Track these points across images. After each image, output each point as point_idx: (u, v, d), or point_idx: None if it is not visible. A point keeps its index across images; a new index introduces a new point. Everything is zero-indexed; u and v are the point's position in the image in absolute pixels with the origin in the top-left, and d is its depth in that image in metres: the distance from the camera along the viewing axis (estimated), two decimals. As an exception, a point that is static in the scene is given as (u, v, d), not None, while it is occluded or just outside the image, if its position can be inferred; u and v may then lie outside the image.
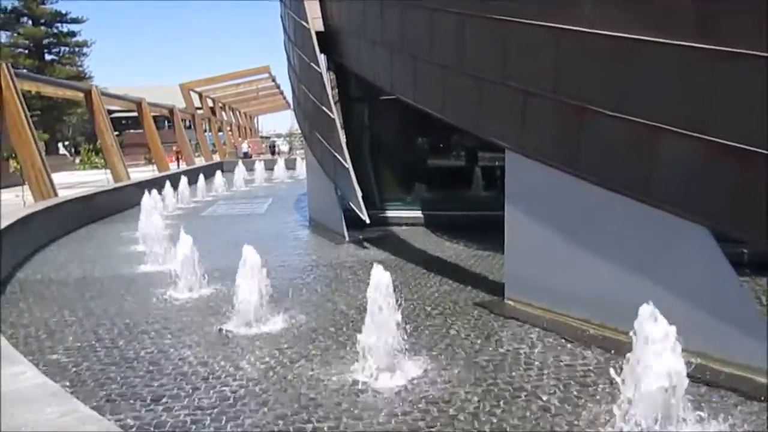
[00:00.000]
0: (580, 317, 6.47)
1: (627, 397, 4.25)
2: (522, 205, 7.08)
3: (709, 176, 5.13)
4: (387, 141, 15.10)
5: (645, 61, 5.55)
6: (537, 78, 6.66)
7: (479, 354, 5.95)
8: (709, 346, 5.23)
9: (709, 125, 4.98)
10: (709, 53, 4.96)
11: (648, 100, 5.55)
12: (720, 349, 5.23)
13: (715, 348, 5.24)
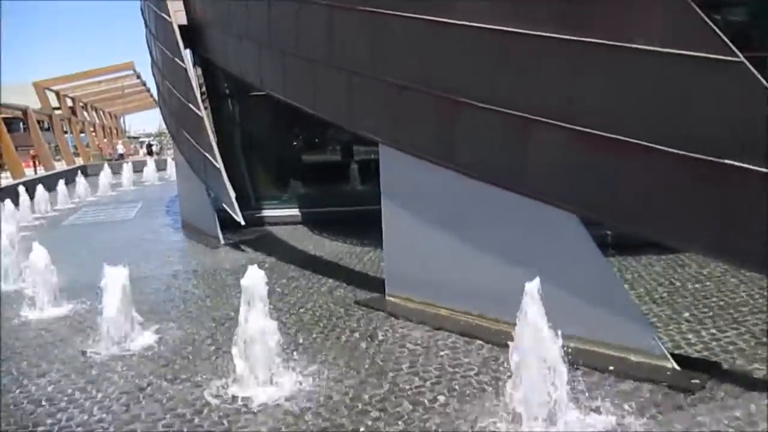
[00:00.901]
0: (461, 310, 6.47)
1: (511, 388, 4.24)
2: (398, 199, 7.00)
3: (578, 165, 5.23)
4: (260, 138, 14.65)
5: (514, 53, 5.60)
6: (410, 71, 6.59)
7: (362, 356, 5.79)
8: (584, 330, 5.36)
9: (576, 116, 5.07)
10: (574, 44, 5.05)
11: (518, 92, 5.60)
12: (595, 332, 5.37)
13: (589, 331, 5.37)
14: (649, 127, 4.66)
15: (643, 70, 4.67)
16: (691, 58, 4.38)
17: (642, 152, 4.67)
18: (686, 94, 4.51)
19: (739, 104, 4.28)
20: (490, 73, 5.76)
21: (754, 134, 4.24)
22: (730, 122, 4.33)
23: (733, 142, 4.33)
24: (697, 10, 4.42)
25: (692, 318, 6.33)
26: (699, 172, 4.47)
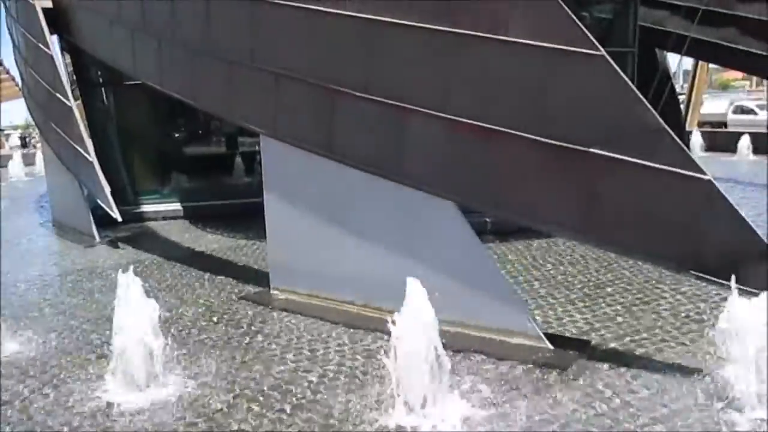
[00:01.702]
0: (346, 300, 6.48)
1: (395, 378, 4.27)
2: (280, 191, 6.90)
3: (452, 154, 5.36)
4: (138, 129, 13.96)
5: (389, 43, 5.65)
6: (287, 60, 6.49)
7: (246, 352, 5.66)
8: (464, 315, 5.50)
9: (449, 105, 5.18)
10: (446, 35, 5.15)
11: (394, 82, 5.66)
12: (474, 316, 5.53)
13: (470, 316, 5.53)
14: (518, 117, 4.84)
15: (511, 61, 4.84)
16: (555, 50, 4.58)
17: (511, 141, 4.86)
18: (552, 84, 4.72)
19: (601, 96, 4.52)
20: (365, 63, 5.78)
21: (616, 124, 4.49)
22: (593, 113, 4.57)
23: (597, 132, 4.58)
24: (561, 4, 4.63)
25: (565, 299, 6.66)
26: (566, 160, 4.69)
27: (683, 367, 4.77)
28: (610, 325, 5.88)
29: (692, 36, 12.90)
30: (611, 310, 6.25)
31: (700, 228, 4.46)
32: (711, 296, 6.33)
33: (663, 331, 5.67)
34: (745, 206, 11.83)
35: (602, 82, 4.49)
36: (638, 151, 4.42)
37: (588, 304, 6.46)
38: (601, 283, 7.13)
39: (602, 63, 4.46)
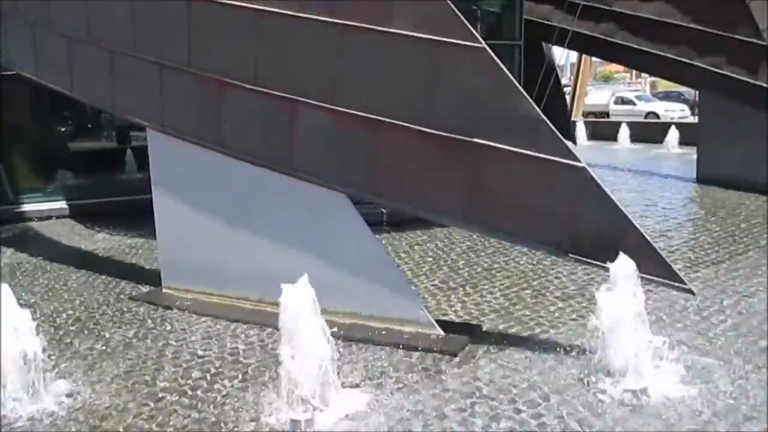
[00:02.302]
0: (240, 296, 6.37)
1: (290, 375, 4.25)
2: (169, 186, 6.66)
3: (341, 145, 5.38)
4: (18, 123, 13.04)
5: (278, 33, 5.58)
6: (171, 50, 6.28)
7: (137, 354, 5.45)
8: (359, 306, 5.55)
9: (338, 96, 5.19)
10: (334, 27, 5.15)
11: (283, 73, 5.60)
12: (368, 307, 5.58)
13: (364, 306, 5.58)
14: (404, 108, 4.93)
15: (396, 53, 4.92)
16: (438, 43, 4.69)
17: (398, 131, 4.94)
18: (436, 76, 4.83)
19: (483, 87, 4.67)
20: (254, 54, 5.69)
21: (498, 115, 4.66)
22: (476, 104, 4.71)
23: (480, 122, 4.73)
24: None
25: (458, 285, 6.86)
26: (451, 150, 4.82)
27: (567, 346, 5.02)
28: (500, 309, 6.11)
29: (574, 30, 13.50)
30: (501, 295, 6.50)
31: (576, 213, 4.71)
32: (594, 278, 6.69)
33: (549, 313, 5.95)
34: (622, 191, 12.64)
35: (484, 74, 4.63)
36: (519, 141, 4.60)
37: (479, 290, 6.68)
38: (492, 269, 7.39)
39: (484, 55, 4.60)
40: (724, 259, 7.64)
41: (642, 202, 11.72)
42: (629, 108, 33.24)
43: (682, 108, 30.07)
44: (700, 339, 5.25)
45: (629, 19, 13.08)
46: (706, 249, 8.23)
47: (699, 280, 6.76)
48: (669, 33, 12.30)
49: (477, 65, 4.64)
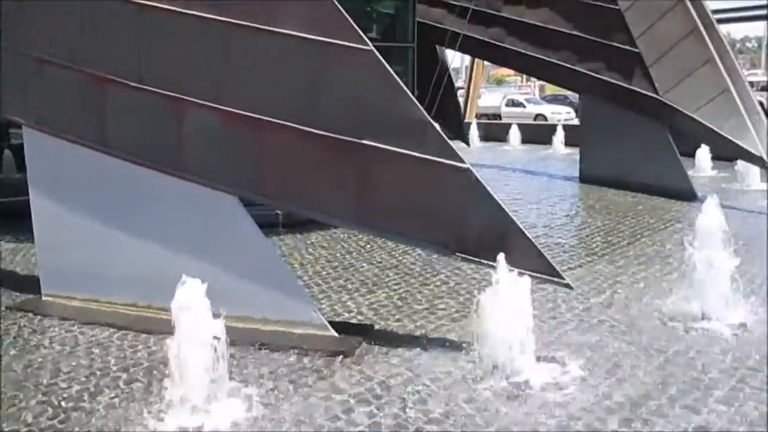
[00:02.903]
0: (127, 302, 6.12)
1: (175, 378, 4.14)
2: (48, 187, 6.31)
3: (228, 146, 5.29)
4: None
5: (163, 30, 5.41)
6: (52, 44, 5.96)
7: (12, 369, 5.12)
8: (251, 309, 5.47)
9: (225, 96, 5.10)
10: (219, 25, 5.06)
11: (170, 71, 5.45)
12: (260, 310, 5.51)
13: (256, 310, 5.50)
14: (292, 109, 4.92)
15: (283, 54, 4.89)
16: (326, 44, 4.71)
17: (287, 133, 4.91)
18: (323, 78, 4.86)
19: (370, 89, 4.73)
20: (137, 51, 5.49)
21: (386, 117, 4.73)
22: (364, 106, 4.77)
23: (368, 124, 4.78)
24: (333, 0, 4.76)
25: (351, 286, 6.90)
26: (340, 152, 4.85)
27: (456, 343, 5.16)
28: (393, 308, 6.20)
29: (465, 34, 13.88)
30: (394, 294, 6.60)
31: (461, 213, 4.86)
32: (484, 276, 6.90)
33: (440, 311, 6.10)
34: (511, 189, 13.16)
35: (371, 76, 4.69)
36: (406, 143, 4.69)
37: (372, 290, 6.75)
38: (386, 269, 7.49)
39: (371, 58, 4.66)
40: (605, 253, 8.11)
41: (529, 200, 12.25)
42: (519, 110, 34.60)
43: (568, 111, 31.59)
44: (580, 331, 5.54)
45: (517, 24, 13.60)
46: (587, 244, 8.70)
47: (580, 274, 7.14)
48: (553, 39, 12.88)
49: (364, 67, 4.69)
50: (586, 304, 6.17)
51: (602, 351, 5.08)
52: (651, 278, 6.92)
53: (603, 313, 5.94)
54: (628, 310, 6.01)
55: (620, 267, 7.45)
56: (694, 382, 4.54)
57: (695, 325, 5.48)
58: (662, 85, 11.12)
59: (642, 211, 10.62)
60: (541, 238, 8.83)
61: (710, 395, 4.33)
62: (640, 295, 6.40)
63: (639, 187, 11.97)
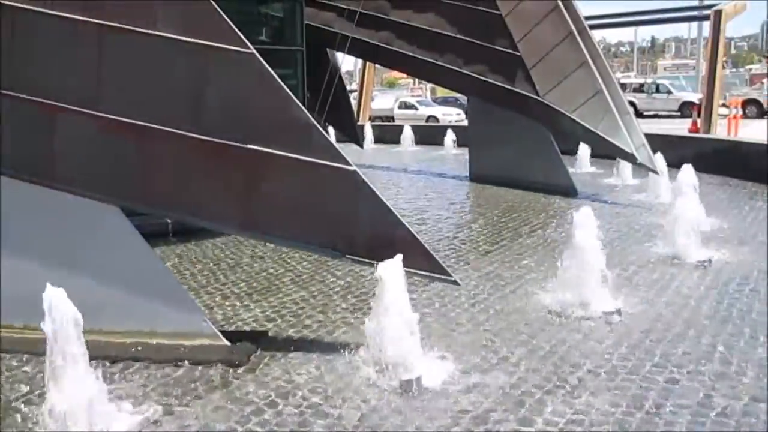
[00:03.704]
0: (2, 324, 5.71)
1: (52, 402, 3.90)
2: None
3: (107, 154, 5.06)
4: None
5: (33, 32, 5.08)
6: None
7: None
8: (139, 323, 5.25)
9: (102, 102, 4.87)
10: (94, 27, 4.83)
11: (41, 76, 5.12)
12: (148, 323, 5.30)
13: (143, 323, 5.29)
14: (173, 114, 4.76)
15: (162, 57, 4.74)
16: (205, 47, 4.59)
17: (168, 139, 4.75)
18: (204, 81, 4.75)
19: (252, 93, 4.66)
20: (6, 55, 5.13)
21: (270, 121, 4.67)
22: (247, 109, 4.69)
23: (252, 128, 4.71)
24: (211, 2, 4.65)
25: (244, 293, 6.78)
26: (225, 157, 4.74)
27: (350, 345, 5.15)
28: (287, 313, 6.14)
29: (355, 37, 13.97)
30: (288, 299, 6.53)
31: (350, 215, 4.88)
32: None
33: (334, 314, 6.10)
34: (403, 190, 13.38)
35: (254, 79, 4.62)
36: (291, 146, 4.66)
37: (266, 296, 6.65)
38: (279, 274, 7.40)
39: (252, 60, 4.59)
40: (492, 249, 8.39)
41: (420, 199, 12.51)
42: (412, 112, 35.30)
43: (458, 112, 32.55)
44: (468, 326, 5.70)
45: (405, 28, 13.81)
46: (475, 241, 8.98)
47: (468, 271, 7.36)
48: (440, 42, 13.18)
49: (246, 71, 4.62)
50: (473, 300, 6.36)
51: (489, 345, 5.24)
52: (535, 271, 7.22)
53: (490, 308, 6.13)
54: (514, 303, 6.24)
55: (506, 262, 7.73)
56: (574, 369, 4.77)
57: (575, 314, 5.76)
58: (542, 87, 11.62)
59: (527, 208, 11.07)
60: (431, 237, 9.04)
61: (589, 382, 4.57)
62: (524, 288, 6.66)
63: (525, 184, 12.47)
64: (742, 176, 12.89)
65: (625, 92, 21.97)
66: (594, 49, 11.83)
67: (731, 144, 15.81)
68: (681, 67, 75.92)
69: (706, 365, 4.77)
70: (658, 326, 5.54)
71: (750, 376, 4.57)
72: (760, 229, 9.08)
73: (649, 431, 3.91)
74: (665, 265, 7.30)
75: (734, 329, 5.45)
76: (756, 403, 4.17)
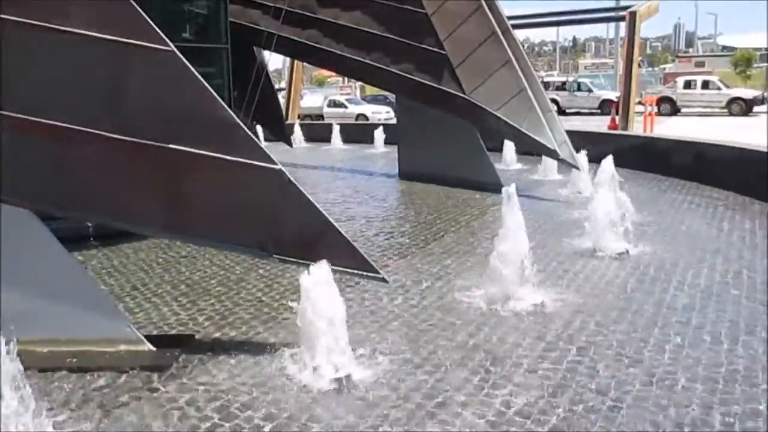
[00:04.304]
0: None
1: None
2: None
3: (22, 156, 4.83)
4: None
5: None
6: None
7: None
8: (58, 331, 5.06)
9: (13, 102, 4.64)
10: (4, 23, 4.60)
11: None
12: (68, 330, 5.11)
13: (63, 331, 5.09)
14: (90, 114, 4.60)
15: (76, 55, 4.56)
16: (122, 44, 4.46)
17: (86, 139, 4.58)
18: (122, 80, 4.61)
19: (173, 91, 4.55)
20: None
21: (192, 120, 4.57)
22: (168, 109, 4.58)
23: (174, 128, 4.60)
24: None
25: (170, 297, 6.61)
26: (146, 158, 4.62)
27: (279, 345, 5.12)
28: (215, 316, 6.03)
29: (282, 35, 13.83)
30: (216, 301, 6.42)
31: (276, 215, 4.84)
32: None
33: (263, 314, 6.04)
34: (334, 188, 13.37)
35: (174, 78, 4.52)
36: (215, 146, 4.58)
37: (193, 299, 6.52)
38: (207, 276, 7.27)
39: (173, 58, 4.48)
40: (421, 246, 8.48)
41: (349, 198, 12.52)
42: (341, 111, 35.31)
43: (387, 110, 32.74)
44: (398, 323, 5.75)
45: (332, 26, 13.76)
46: (404, 238, 9.07)
47: (396, 268, 7.42)
48: (367, 41, 13.19)
49: (166, 69, 4.50)
50: (402, 296, 6.41)
51: (417, 341, 5.31)
52: (462, 267, 7.34)
53: (419, 304, 6.21)
54: (442, 299, 6.34)
55: (434, 258, 7.83)
56: (499, 362, 4.89)
57: (500, 308, 5.90)
58: (468, 86, 11.80)
59: (454, 205, 11.25)
60: (360, 235, 9.07)
61: (514, 374, 4.69)
62: (452, 284, 6.76)
63: (453, 181, 12.64)
64: (658, 171, 13.46)
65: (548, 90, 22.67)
66: (517, 49, 12.12)
67: (647, 140, 16.51)
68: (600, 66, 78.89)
69: (624, 350, 4.98)
70: (579, 317, 5.74)
71: (664, 363, 4.79)
72: (674, 221, 9.53)
73: (569, 419, 4.04)
74: (586, 258, 7.56)
75: (649, 318, 5.70)
76: (670, 386, 4.39)
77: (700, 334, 5.30)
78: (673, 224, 9.32)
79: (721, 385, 4.41)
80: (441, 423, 4.03)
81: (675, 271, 6.97)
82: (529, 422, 4.02)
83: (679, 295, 6.25)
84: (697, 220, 9.54)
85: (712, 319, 5.62)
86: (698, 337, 5.25)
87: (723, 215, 9.75)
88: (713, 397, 4.24)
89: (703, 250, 7.82)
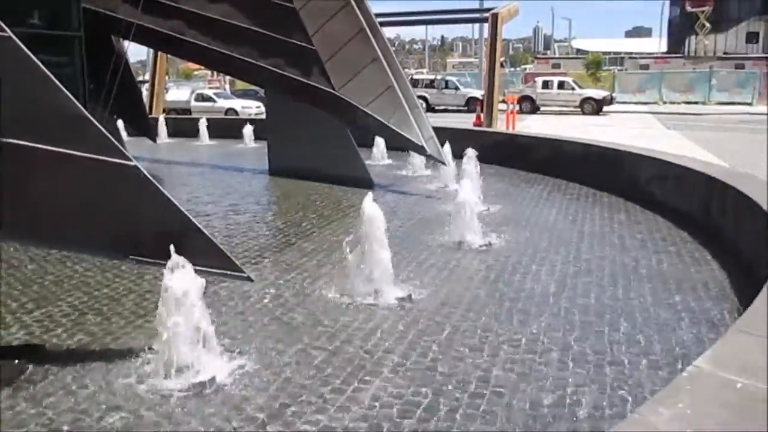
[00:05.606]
0: None
1: None
2: None
3: None
4: None
5: None
6: None
7: None
8: None
9: None
10: None
11: None
12: None
13: None
14: None
15: None
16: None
17: None
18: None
19: (10, 80, 4.17)
20: None
21: (33, 113, 4.22)
22: (5, 99, 4.19)
23: (11, 120, 4.21)
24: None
25: (18, 305, 6.08)
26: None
27: (138, 351, 4.85)
28: (67, 322, 5.63)
29: (144, 25, 13.16)
30: (68, 307, 5.98)
31: (131, 214, 4.58)
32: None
33: (121, 318, 5.70)
34: (202, 186, 12.94)
35: (12, 66, 4.15)
36: (60, 140, 4.25)
37: (43, 305, 6.03)
38: (59, 280, 6.76)
39: (11, 45, 4.11)
40: (290, 243, 8.38)
41: (217, 195, 12.15)
42: (210, 105, 34.28)
43: (258, 105, 32.08)
44: (263, 322, 5.64)
45: (198, 18, 13.25)
46: (273, 235, 8.94)
47: (264, 266, 7.29)
48: (235, 34, 12.84)
49: (2, 56, 4.12)
50: (270, 294, 6.31)
51: (286, 339, 5.24)
52: (330, 263, 7.31)
53: (287, 302, 6.13)
54: (310, 296, 6.29)
55: (302, 255, 7.76)
56: (368, 356, 4.92)
57: (369, 303, 5.95)
58: (337, 82, 11.81)
59: (324, 201, 11.21)
60: (226, 233, 8.82)
61: (383, 367, 4.74)
62: (320, 280, 6.71)
63: (323, 177, 12.59)
64: (519, 166, 14.13)
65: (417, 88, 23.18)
66: (385, 46, 12.27)
67: (509, 137, 17.30)
68: (467, 64, 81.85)
69: (487, 338, 5.18)
70: (444, 309, 5.90)
71: (523, 349, 5.03)
72: (533, 213, 10.04)
73: (434, 407, 4.14)
74: (451, 251, 7.79)
75: (510, 305, 5.96)
76: (527, 374, 4.61)
77: (557, 320, 5.62)
78: (532, 216, 9.82)
79: (572, 365, 4.70)
80: (309, 423, 3.99)
81: (533, 261, 7.34)
82: (395, 414, 4.07)
83: (536, 285, 6.58)
84: (554, 212, 10.11)
85: (566, 306, 5.96)
86: (554, 322, 5.55)
87: (576, 207, 10.41)
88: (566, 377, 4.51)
89: (559, 240, 8.31)
